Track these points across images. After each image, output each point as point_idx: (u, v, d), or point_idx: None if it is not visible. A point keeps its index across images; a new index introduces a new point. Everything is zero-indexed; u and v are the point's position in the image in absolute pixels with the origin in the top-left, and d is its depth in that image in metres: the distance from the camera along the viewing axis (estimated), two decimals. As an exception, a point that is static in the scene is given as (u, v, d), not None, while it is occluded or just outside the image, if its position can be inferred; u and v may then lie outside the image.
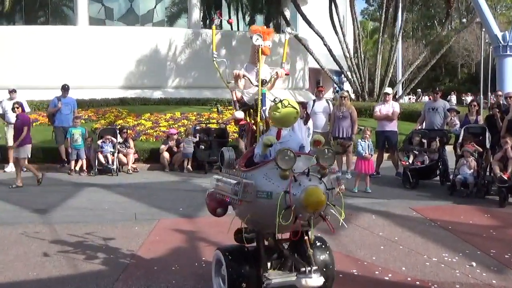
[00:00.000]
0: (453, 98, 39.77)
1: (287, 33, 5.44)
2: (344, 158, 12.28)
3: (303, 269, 4.06)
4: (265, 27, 5.54)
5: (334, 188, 4.04)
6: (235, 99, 5.15)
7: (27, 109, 14.16)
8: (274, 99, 4.39)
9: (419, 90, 43.38)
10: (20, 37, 24.21)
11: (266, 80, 4.98)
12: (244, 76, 5.13)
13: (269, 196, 3.87)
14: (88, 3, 26.50)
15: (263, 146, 4.19)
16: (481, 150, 10.10)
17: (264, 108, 4.86)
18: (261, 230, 4.32)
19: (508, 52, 20.70)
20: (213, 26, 5.51)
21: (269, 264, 4.40)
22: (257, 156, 4.34)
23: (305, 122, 11.66)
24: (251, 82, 5.06)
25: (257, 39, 5.07)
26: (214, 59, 5.25)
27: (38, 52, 23.57)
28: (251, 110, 5.07)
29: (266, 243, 4.44)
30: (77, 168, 12.99)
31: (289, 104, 4.30)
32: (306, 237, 4.23)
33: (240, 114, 5.01)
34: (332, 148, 3.98)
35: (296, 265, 4.27)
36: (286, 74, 5.43)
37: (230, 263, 4.35)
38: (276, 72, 5.16)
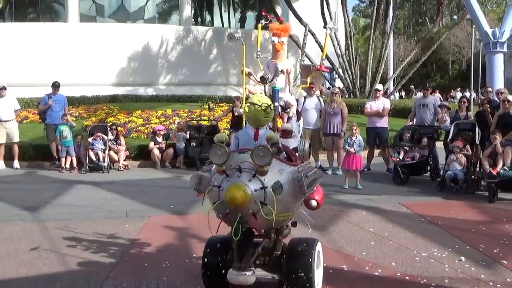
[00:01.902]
0: (458, 94, 39.73)
1: (328, 28, 5.44)
2: (335, 155, 12.33)
3: (237, 264, 4.06)
4: (287, 23, 5.61)
5: (279, 188, 3.90)
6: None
7: (18, 106, 14.13)
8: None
9: (412, 86, 43.54)
10: (10, 34, 24.09)
11: (268, 78, 5.01)
12: (250, 74, 5.19)
13: (211, 190, 3.99)
14: (78, -1, 26.41)
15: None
16: (470, 153, 10.17)
17: (276, 104, 4.89)
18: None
19: (498, 49, 20.74)
20: (259, 25, 5.55)
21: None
22: None
23: (297, 119, 11.69)
24: (255, 80, 5.11)
25: (232, 38, 5.13)
26: (258, 55, 5.29)
27: (28, 49, 23.48)
28: None
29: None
30: (68, 165, 12.95)
31: (260, 105, 4.31)
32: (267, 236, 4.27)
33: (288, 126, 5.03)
34: (268, 147, 3.90)
35: (235, 260, 4.20)
36: (321, 70, 5.45)
37: (206, 251, 4.46)
38: (282, 70, 5.19)
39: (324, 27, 5.39)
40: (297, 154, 4.58)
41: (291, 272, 4.27)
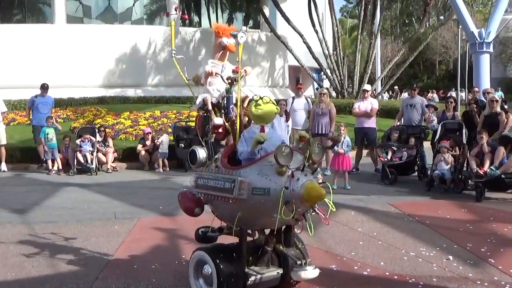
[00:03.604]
0: (453, 94, 39.76)
1: (242, 33, 5.29)
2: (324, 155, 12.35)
3: (299, 262, 4.17)
4: (226, 24, 5.53)
5: (323, 182, 4.12)
6: (210, 107, 5.15)
7: (4, 108, 14.03)
8: (253, 96, 4.43)
9: (396, 87, 43.69)
10: (-4, 36, 23.90)
11: (236, 78, 4.99)
12: (216, 74, 5.14)
13: (267, 193, 3.91)
14: (65, 0, 26.23)
15: (255, 143, 4.19)
16: (458, 153, 10.23)
17: (231, 106, 4.89)
18: (248, 227, 4.33)
19: (484, 49, 20.93)
20: (172, 22, 5.47)
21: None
22: (244, 153, 4.32)
23: (286, 120, 11.73)
24: (223, 80, 5.07)
25: (242, 36, 5.08)
26: (173, 55, 5.25)
27: (15, 51, 23.30)
28: (216, 108, 5.11)
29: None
30: (55, 168, 12.88)
31: (270, 100, 4.34)
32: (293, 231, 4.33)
33: (219, 121, 5.00)
34: (321, 144, 4.04)
35: (284, 260, 4.35)
36: (237, 70, 5.40)
37: (218, 262, 4.31)
38: (245, 70, 5.16)
39: (235, 35, 5.13)
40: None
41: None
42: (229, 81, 4.97)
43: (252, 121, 4.53)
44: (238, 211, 4.12)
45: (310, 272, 4.12)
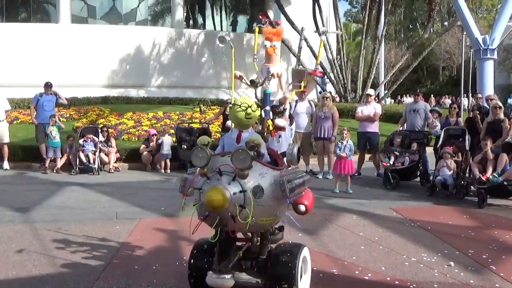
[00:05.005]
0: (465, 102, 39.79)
1: (322, 33, 5.42)
2: (326, 159, 12.36)
3: (217, 267, 4.10)
4: (279, 27, 5.58)
5: (260, 192, 3.91)
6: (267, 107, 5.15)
7: (8, 106, 14.04)
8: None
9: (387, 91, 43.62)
10: (0, 35, 23.93)
11: (255, 81, 5.00)
12: (240, 77, 5.19)
13: (192, 192, 4.08)
14: (70, 0, 26.29)
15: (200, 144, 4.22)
16: (460, 159, 10.20)
17: (266, 108, 4.89)
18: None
19: (488, 55, 20.94)
20: (256, 28, 5.54)
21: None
22: None
23: (290, 123, 11.71)
24: (246, 83, 5.09)
25: (222, 40, 5.14)
26: (255, 59, 5.29)
27: (19, 49, 23.34)
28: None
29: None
30: (59, 166, 12.88)
31: (240, 107, 4.26)
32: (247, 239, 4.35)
33: (281, 122, 4.99)
34: (248, 151, 3.89)
35: (214, 263, 4.24)
36: (315, 74, 5.43)
37: (192, 253, 4.51)
38: (272, 73, 5.18)
39: (318, 32, 5.32)
40: (285, 158, 4.59)
41: (275, 281, 4.26)
42: (253, 83, 4.99)
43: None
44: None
45: (222, 280, 4.00)
